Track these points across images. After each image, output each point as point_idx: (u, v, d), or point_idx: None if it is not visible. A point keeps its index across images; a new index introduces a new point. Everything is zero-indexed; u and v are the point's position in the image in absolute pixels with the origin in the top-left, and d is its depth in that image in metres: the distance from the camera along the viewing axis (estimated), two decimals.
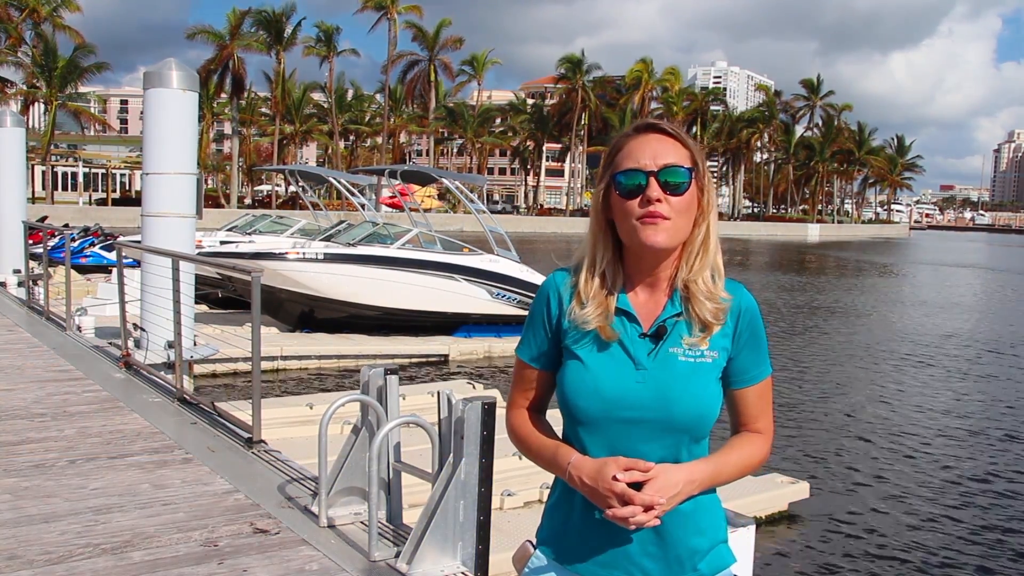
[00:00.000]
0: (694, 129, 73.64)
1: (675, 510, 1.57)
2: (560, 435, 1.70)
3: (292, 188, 39.41)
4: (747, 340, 1.63)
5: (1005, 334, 20.45)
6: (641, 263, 1.61)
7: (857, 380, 13.99)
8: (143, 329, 7.14)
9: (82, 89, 55.53)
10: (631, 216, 1.56)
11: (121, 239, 10.21)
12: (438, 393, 3.43)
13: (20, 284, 11.42)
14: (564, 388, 1.62)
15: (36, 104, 53.83)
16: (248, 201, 64.81)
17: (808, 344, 17.40)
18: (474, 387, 10.14)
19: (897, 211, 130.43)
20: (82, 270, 20.08)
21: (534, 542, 1.74)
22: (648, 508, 1.50)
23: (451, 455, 3.27)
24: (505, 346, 14.49)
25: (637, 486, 1.52)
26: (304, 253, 14.64)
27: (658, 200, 1.53)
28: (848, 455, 9.45)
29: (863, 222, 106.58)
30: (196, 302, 9.73)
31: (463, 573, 3.29)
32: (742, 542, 3.05)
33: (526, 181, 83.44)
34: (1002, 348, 18.03)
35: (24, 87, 51.73)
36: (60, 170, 62.91)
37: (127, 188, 64.10)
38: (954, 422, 11.25)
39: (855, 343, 17.98)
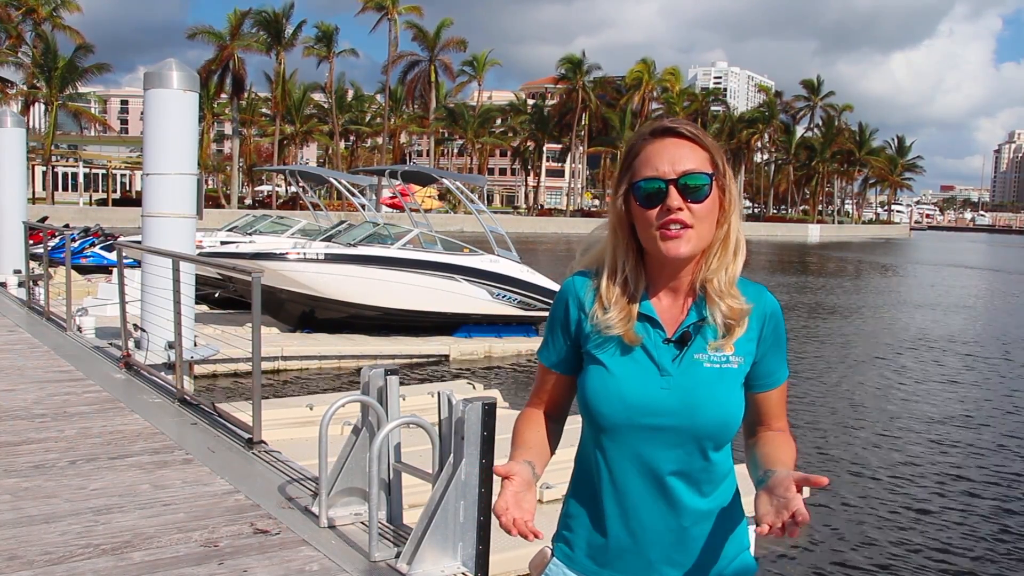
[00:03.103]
0: None
1: (702, 517, 1.58)
2: (578, 444, 1.69)
3: (292, 188, 39.42)
4: (772, 343, 1.60)
5: (1008, 335, 20.44)
6: (663, 269, 1.58)
7: (858, 380, 13.98)
8: (143, 329, 7.15)
9: (82, 89, 55.57)
10: (652, 225, 1.52)
11: (121, 239, 10.20)
12: (438, 393, 3.43)
13: (20, 284, 11.42)
14: (587, 393, 1.58)
15: (36, 104, 53.88)
16: (248, 201, 64.82)
17: (809, 344, 17.40)
18: (474, 387, 10.12)
19: (897, 212, 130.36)
20: (82, 270, 20.05)
21: (552, 548, 1.72)
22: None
23: (451, 455, 3.27)
24: (505, 346, 14.50)
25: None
26: (304, 253, 14.64)
27: (679, 209, 1.50)
28: (849, 455, 9.44)
29: (863, 222, 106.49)
30: (196, 302, 9.73)
31: (463, 573, 3.28)
32: None
33: (526, 182, 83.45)
34: (1005, 350, 18.02)
35: (24, 87, 51.75)
36: (61, 170, 62.90)
37: (127, 188, 64.13)
38: (957, 423, 11.24)
39: (856, 343, 17.99)
